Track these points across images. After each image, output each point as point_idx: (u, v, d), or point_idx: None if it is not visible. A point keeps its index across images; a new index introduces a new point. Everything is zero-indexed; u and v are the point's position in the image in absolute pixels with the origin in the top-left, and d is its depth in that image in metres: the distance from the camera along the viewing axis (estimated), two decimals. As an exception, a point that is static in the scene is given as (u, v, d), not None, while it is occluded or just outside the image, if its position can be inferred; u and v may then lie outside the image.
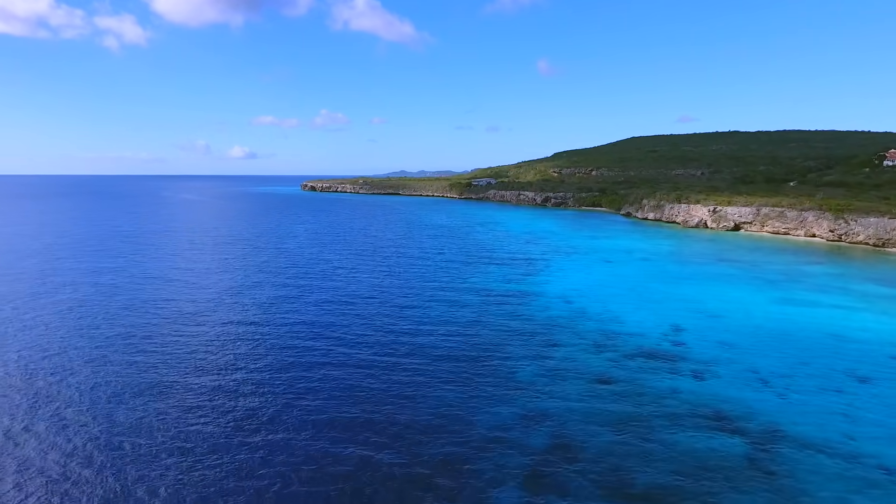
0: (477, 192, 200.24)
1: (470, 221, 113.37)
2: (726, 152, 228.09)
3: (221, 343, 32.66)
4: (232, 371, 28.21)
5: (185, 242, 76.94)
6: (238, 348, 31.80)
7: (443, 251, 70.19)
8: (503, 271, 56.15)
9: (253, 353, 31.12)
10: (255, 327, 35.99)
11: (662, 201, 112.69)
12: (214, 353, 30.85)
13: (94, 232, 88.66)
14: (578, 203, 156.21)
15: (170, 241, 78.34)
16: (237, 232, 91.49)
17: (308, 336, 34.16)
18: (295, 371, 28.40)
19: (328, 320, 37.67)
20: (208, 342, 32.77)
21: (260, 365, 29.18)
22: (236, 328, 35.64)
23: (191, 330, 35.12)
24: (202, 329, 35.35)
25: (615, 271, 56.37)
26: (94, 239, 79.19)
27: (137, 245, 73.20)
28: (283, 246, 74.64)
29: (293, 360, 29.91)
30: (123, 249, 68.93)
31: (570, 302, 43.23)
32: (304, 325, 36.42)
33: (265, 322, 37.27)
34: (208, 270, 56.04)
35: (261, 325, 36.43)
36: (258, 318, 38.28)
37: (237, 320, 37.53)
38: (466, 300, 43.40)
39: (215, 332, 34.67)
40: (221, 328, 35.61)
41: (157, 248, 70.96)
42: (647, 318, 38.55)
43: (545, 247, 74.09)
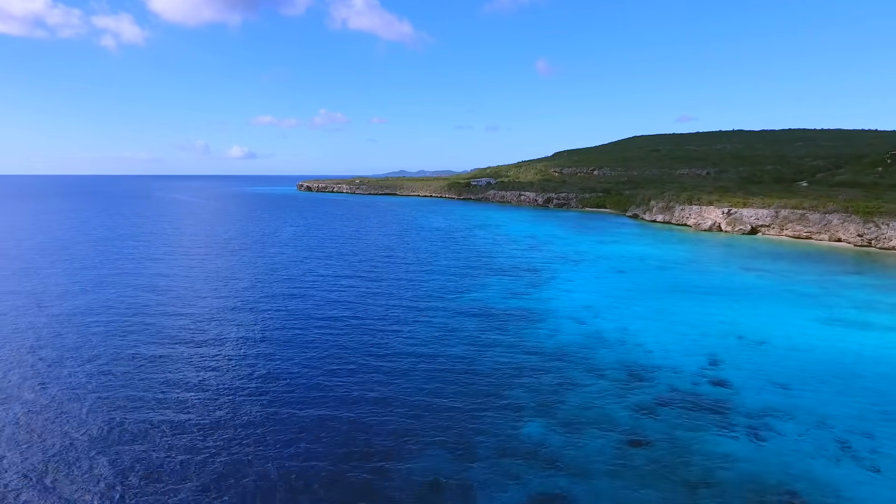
0: (476, 193, 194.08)
1: (468, 223, 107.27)
2: (731, 151, 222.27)
3: (149, 373, 26.59)
4: (145, 410, 22.16)
5: (159, 247, 70.76)
6: (166, 386, 25.70)
7: (438, 258, 64.08)
8: (504, 283, 50.04)
9: (178, 399, 25.03)
10: (193, 364, 29.88)
11: (672, 202, 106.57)
12: (134, 387, 24.80)
13: (62, 236, 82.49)
14: (582, 204, 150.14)
15: (141, 245, 72.16)
16: (218, 235, 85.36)
17: (251, 378, 28.04)
18: (219, 438, 22.33)
19: (285, 353, 31.52)
20: (140, 369, 26.72)
21: (182, 418, 23.11)
22: (173, 352, 29.56)
23: (128, 352, 29.05)
24: (135, 352, 29.30)
25: (630, 283, 50.25)
26: (57, 243, 73.01)
27: (102, 251, 67.03)
28: (263, 251, 68.48)
29: (221, 417, 23.81)
30: (85, 255, 62.77)
31: (583, 323, 37.12)
32: (251, 363, 30.29)
33: (204, 360, 31.14)
34: (169, 282, 49.88)
35: (199, 365, 30.31)
36: (199, 351, 32.16)
37: (177, 343, 31.42)
38: (460, 323, 37.26)
39: (151, 356, 28.62)
40: (159, 351, 29.53)
41: (121, 253, 64.78)
42: (676, 345, 32.46)
43: (550, 253, 67.97)
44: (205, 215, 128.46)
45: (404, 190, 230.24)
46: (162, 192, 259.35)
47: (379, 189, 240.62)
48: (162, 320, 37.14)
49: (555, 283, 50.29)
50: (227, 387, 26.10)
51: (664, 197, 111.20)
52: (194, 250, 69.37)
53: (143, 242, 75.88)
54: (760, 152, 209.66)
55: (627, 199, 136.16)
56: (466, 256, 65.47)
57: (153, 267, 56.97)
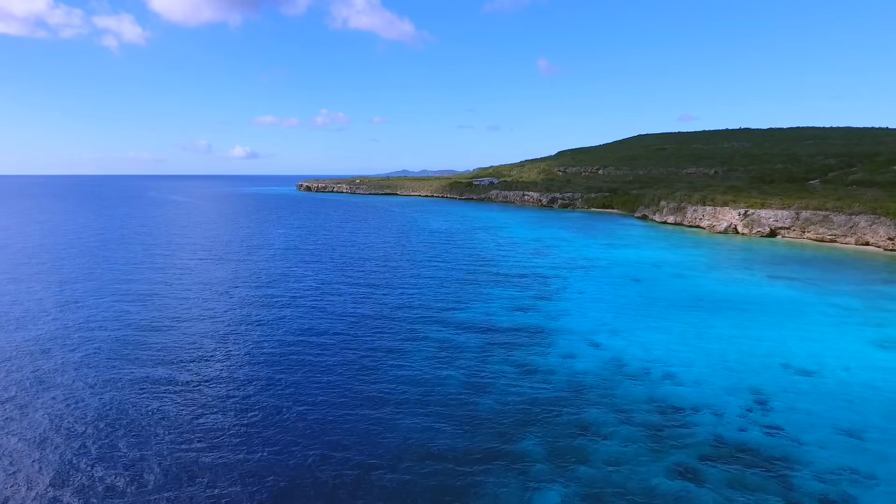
0: (478, 193, 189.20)
1: (470, 225, 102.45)
2: (739, 150, 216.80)
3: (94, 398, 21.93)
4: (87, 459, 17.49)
5: (138, 252, 66.10)
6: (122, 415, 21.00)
7: (436, 264, 59.32)
8: (509, 294, 45.23)
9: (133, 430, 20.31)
10: (158, 385, 25.16)
11: (684, 203, 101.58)
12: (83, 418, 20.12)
13: (31, 241, 77.97)
14: (588, 204, 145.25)
15: (119, 250, 67.51)
16: (206, 238, 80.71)
17: (204, 417, 23.33)
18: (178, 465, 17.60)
19: (253, 377, 26.80)
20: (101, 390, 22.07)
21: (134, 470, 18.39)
22: (118, 375, 24.88)
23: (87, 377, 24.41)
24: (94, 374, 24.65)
25: (648, 294, 45.37)
26: (19, 249, 68.48)
27: (74, 256, 62.44)
28: (248, 256, 63.78)
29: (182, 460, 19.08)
30: (52, 261, 58.20)
31: (600, 346, 32.29)
32: (208, 397, 25.58)
33: (163, 386, 26.42)
34: (141, 291, 45.19)
35: (160, 386, 25.59)
36: (164, 371, 27.45)
37: (141, 364, 26.74)
38: (460, 344, 32.48)
39: (112, 376, 23.99)
40: (106, 374, 24.87)
41: (96, 259, 60.16)
42: (711, 375, 27.62)
43: (558, 259, 63.13)
44: (195, 217, 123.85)
45: (405, 190, 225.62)
46: (158, 193, 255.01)
47: (379, 189, 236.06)
48: (98, 334, 32.47)
49: (565, 294, 45.44)
50: (175, 426, 21.39)
51: (675, 197, 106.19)
52: (170, 256, 64.71)
53: (117, 246, 71.27)
54: (769, 151, 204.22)
55: (635, 200, 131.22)
56: (467, 262, 60.67)
57: (111, 274, 52.33)
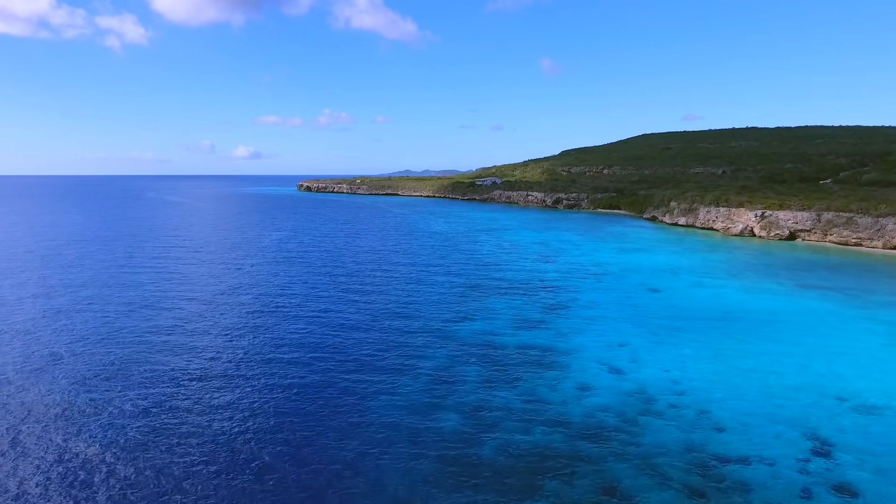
0: (481, 193, 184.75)
1: (473, 227, 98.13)
2: (747, 149, 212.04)
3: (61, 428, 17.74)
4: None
5: (120, 256, 61.98)
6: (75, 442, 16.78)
7: (435, 271, 55.05)
8: (514, 306, 40.93)
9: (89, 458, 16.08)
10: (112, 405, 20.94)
11: (696, 204, 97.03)
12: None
13: (12, 243, 73.96)
14: (593, 205, 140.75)
15: (100, 253, 63.40)
16: (194, 241, 76.51)
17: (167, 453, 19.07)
18: None
19: (216, 411, 22.54)
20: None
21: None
22: (74, 402, 20.72)
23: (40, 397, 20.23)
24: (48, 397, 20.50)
25: (668, 307, 41.00)
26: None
27: (51, 259, 58.35)
28: (235, 261, 59.60)
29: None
30: (27, 264, 54.11)
31: (620, 373, 27.95)
32: (171, 429, 21.34)
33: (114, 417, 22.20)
34: (113, 299, 41.02)
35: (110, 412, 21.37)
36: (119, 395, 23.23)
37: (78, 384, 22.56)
38: (458, 371, 28.17)
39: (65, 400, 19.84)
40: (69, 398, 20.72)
41: (70, 264, 56.06)
42: (756, 414, 23.24)
43: (566, 265, 58.77)
44: (187, 218, 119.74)
45: (406, 190, 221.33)
46: (155, 194, 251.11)
47: (380, 189, 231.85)
48: (57, 348, 28.29)
49: (576, 307, 41.09)
50: (131, 462, 17.18)
51: (686, 198, 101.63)
52: (148, 261, 60.57)
53: (100, 249, 67.19)
54: (778, 150, 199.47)
55: (644, 200, 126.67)
56: (469, 269, 56.37)
57: (85, 277, 48.19)
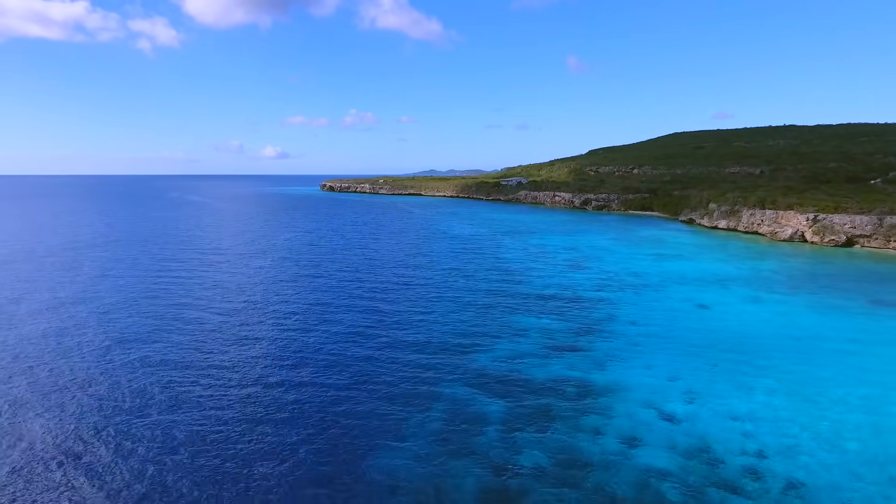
0: (506, 193, 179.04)
1: (497, 229, 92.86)
2: (786, 148, 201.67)
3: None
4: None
5: (124, 260, 58.60)
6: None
7: (455, 280, 50.09)
8: (542, 326, 35.73)
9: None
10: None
11: (738, 206, 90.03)
12: None
13: (15, 246, 71.47)
14: (624, 206, 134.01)
15: (106, 257, 60.19)
16: (204, 243, 73.04)
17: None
18: None
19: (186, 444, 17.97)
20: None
21: None
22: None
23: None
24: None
25: (722, 328, 35.28)
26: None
27: (52, 264, 55.22)
28: (243, 264, 55.59)
29: None
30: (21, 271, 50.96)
31: (674, 420, 22.55)
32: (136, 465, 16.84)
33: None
34: (101, 306, 37.14)
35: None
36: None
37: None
38: (478, 408, 23.17)
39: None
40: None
41: (76, 268, 52.76)
42: (864, 491, 17.74)
43: (599, 273, 53.21)
44: (205, 219, 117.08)
45: (429, 190, 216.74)
46: (178, 193, 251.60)
47: (402, 189, 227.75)
48: (32, 360, 24.20)
49: (613, 326, 35.69)
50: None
51: (728, 199, 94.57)
52: (157, 263, 56.97)
53: (103, 250, 64.06)
54: (819, 148, 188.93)
55: (679, 201, 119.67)
56: (492, 278, 51.26)
57: (86, 276, 44.54)
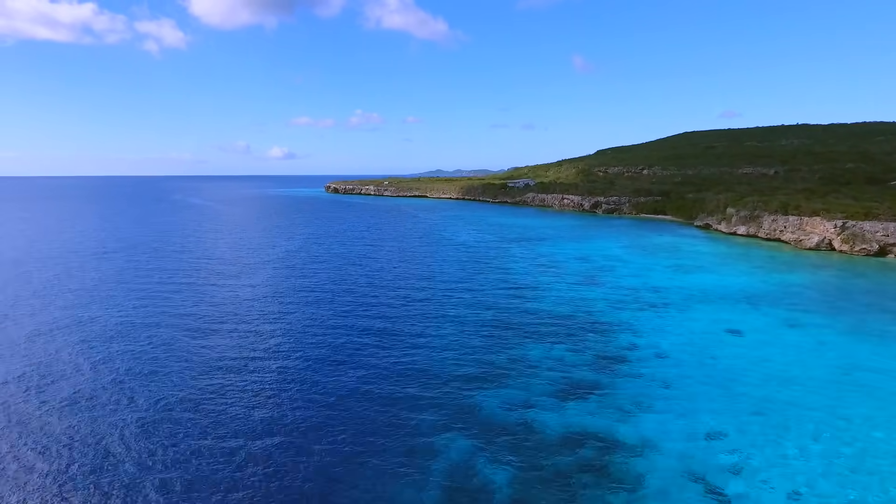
0: (513, 196, 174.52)
1: (504, 236, 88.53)
2: (800, 147, 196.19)
3: None
4: None
5: (118, 263, 54.85)
6: None
7: (460, 297, 45.85)
8: (555, 357, 31.46)
9: None
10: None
11: (758, 211, 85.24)
12: None
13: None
14: (636, 209, 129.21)
15: (93, 261, 56.44)
16: (199, 253, 69.20)
17: None
18: None
19: None
20: None
21: None
22: None
23: None
24: None
25: (761, 361, 30.84)
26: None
27: (33, 276, 51.52)
28: (235, 280, 51.62)
29: None
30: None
31: (725, 499, 18.30)
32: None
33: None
34: (74, 315, 33.24)
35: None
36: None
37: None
38: (482, 481, 18.98)
39: None
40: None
41: (41, 285, 49.01)
42: None
43: (615, 290, 48.84)
44: (204, 224, 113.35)
45: (434, 192, 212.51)
46: (181, 195, 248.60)
47: (407, 191, 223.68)
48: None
49: (636, 357, 31.35)
50: None
51: (747, 204, 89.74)
52: (142, 279, 53.12)
53: (90, 257, 60.34)
54: (835, 148, 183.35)
55: (693, 205, 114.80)
56: (499, 295, 47.02)
57: (58, 291, 40.70)
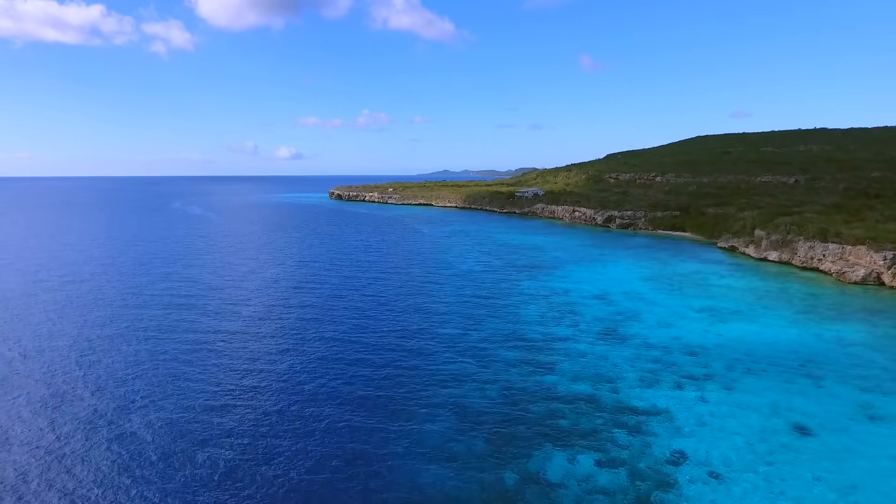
0: (521, 206, 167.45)
1: (512, 261, 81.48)
2: (820, 154, 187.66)
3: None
4: None
5: (71, 296, 48.57)
6: None
7: (463, 364, 39.08)
8: (580, 475, 24.62)
9: None
10: None
11: (792, 235, 77.76)
12: None
13: None
14: (652, 225, 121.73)
15: (51, 299, 50.21)
16: (178, 285, 62.93)
17: None
18: None
19: None
20: None
21: None
22: None
23: None
24: None
25: (844, 486, 23.90)
26: None
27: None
28: (206, 326, 45.20)
29: None
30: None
31: None
32: None
33: None
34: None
35: None
36: None
37: None
38: None
39: None
40: None
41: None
42: None
43: (642, 350, 41.78)
44: (195, 243, 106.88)
45: (440, 200, 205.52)
46: (182, 203, 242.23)
47: (413, 199, 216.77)
48: None
49: (686, 478, 24.41)
50: None
51: (778, 226, 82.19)
52: (76, 319, 46.75)
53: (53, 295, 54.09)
54: (857, 155, 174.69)
55: (714, 222, 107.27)
56: (505, 361, 40.11)
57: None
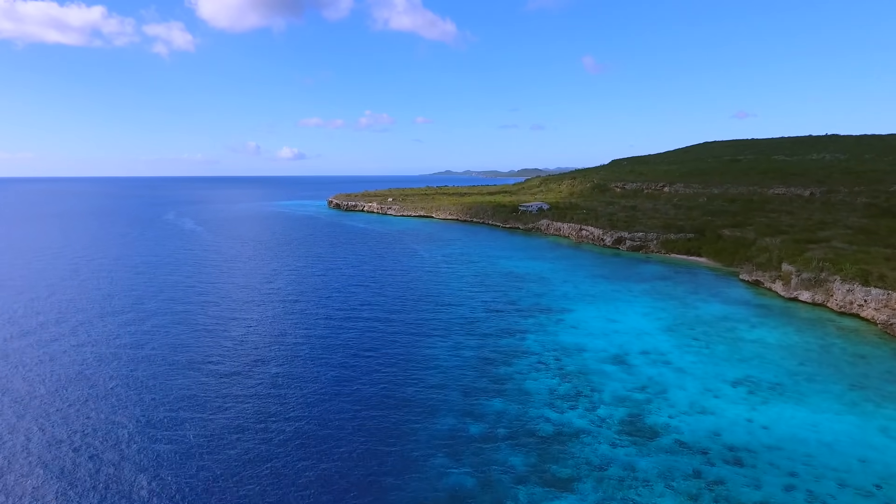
0: (525, 221, 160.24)
1: (516, 302, 74.09)
2: (835, 164, 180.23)
3: None
4: None
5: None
6: None
7: (458, 484, 32.09)
8: None
9: None
10: None
11: (826, 274, 70.46)
12: None
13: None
14: (665, 248, 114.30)
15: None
16: (141, 332, 56.08)
17: None
18: None
19: None
20: None
21: None
22: None
23: None
24: None
25: None
26: None
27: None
28: (129, 394, 38.28)
29: None
30: None
31: None
32: None
33: None
34: None
35: None
36: None
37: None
38: None
39: None
40: None
41: None
42: None
43: (676, 457, 34.63)
44: (179, 269, 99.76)
45: (441, 212, 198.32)
46: (175, 214, 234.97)
47: (413, 210, 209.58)
48: None
49: None
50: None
51: (809, 262, 74.77)
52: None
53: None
54: (874, 166, 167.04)
55: (734, 248, 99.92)
56: (511, 468, 33.06)
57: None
